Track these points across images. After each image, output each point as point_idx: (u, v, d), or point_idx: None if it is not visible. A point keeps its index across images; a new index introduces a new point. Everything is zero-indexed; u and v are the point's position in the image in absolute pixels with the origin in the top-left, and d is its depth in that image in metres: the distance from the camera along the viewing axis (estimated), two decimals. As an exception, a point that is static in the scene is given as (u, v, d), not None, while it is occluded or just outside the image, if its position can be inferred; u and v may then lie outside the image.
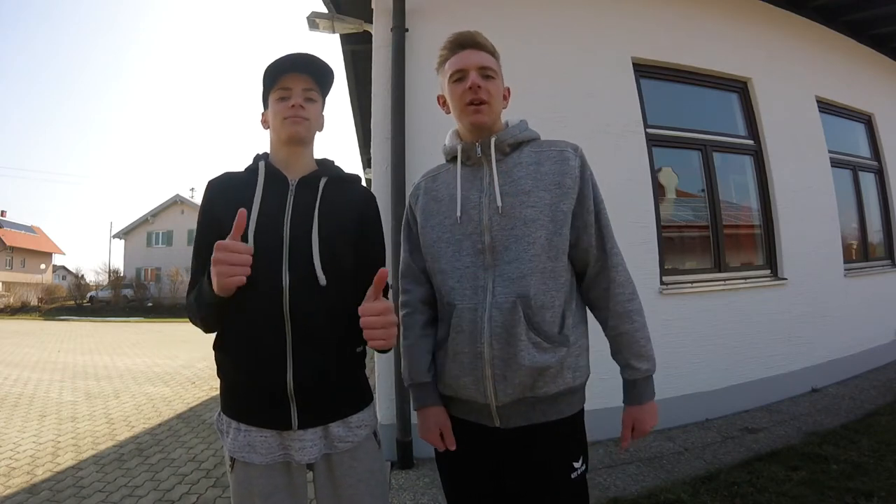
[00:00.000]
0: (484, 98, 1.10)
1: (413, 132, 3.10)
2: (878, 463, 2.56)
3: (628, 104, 3.54)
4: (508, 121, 1.19)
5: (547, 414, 1.08)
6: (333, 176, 1.18)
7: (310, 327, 1.05)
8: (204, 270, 1.10)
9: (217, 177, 1.17)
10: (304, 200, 1.11)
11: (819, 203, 4.33)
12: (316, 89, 1.15)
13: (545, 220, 1.07)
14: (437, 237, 1.16)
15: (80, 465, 3.32)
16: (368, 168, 6.58)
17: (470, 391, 1.09)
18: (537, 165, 1.11)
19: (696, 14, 3.95)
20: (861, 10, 4.51)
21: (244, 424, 1.07)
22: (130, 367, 7.94)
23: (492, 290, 1.07)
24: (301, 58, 1.12)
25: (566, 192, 1.09)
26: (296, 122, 1.11)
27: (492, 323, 1.05)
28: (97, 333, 14.92)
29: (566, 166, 1.10)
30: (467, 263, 1.10)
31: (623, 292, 1.13)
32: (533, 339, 1.04)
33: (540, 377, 1.05)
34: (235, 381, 1.09)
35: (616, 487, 2.51)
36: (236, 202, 1.09)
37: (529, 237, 1.06)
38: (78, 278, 36.27)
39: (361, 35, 3.96)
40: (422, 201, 1.22)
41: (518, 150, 1.15)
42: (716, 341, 3.56)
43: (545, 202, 1.08)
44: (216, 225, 1.10)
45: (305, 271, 1.06)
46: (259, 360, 1.05)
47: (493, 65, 1.14)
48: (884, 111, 5.23)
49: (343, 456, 1.10)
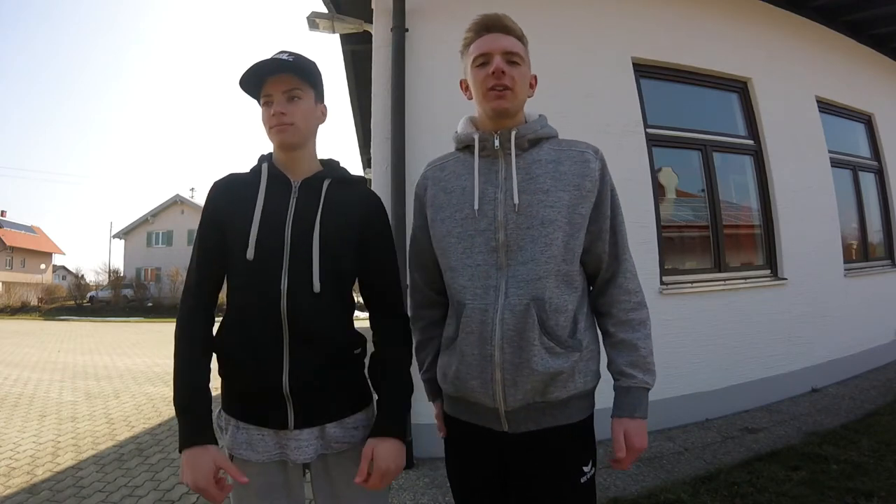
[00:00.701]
0: (507, 84, 1.04)
1: (413, 132, 3.10)
2: (878, 463, 2.56)
3: (628, 104, 3.54)
4: (529, 114, 1.14)
5: (557, 418, 1.04)
6: (337, 177, 1.16)
7: (307, 330, 1.05)
8: (201, 272, 1.10)
9: (221, 178, 1.17)
10: (307, 203, 1.10)
11: (819, 203, 4.33)
12: (300, 86, 1.10)
13: (563, 222, 1.02)
14: (448, 231, 1.10)
15: (80, 465, 3.32)
16: (368, 168, 6.58)
17: (477, 394, 1.05)
18: (556, 164, 1.06)
19: (696, 14, 3.95)
20: (861, 10, 4.51)
21: (242, 422, 1.09)
22: (130, 367, 7.94)
23: (504, 290, 1.02)
24: (272, 62, 1.07)
25: (585, 194, 1.05)
26: (280, 130, 1.08)
27: (504, 326, 1.00)
28: (97, 333, 14.92)
29: (586, 168, 1.06)
30: (479, 261, 1.05)
31: (629, 300, 1.08)
32: (546, 344, 1.00)
33: (552, 382, 1.01)
34: (235, 380, 1.10)
35: (616, 487, 2.51)
36: (239, 204, 1.10)
37: (546, 238, 1.02)
38: (78, 278, 36.30)
39: (361, 35, 3.96)
40: (430, 192, 1.16)
41: (537, 146, 1.09)
42: (716, 341, 3.56)
43: (564, 203, 1.03)
44: (217, 227, 1.10)
45: (305, 276, 1.06)
46: (256, 360, 1.05)
47: (519, 50, 1.07)
48: (884, 111, 5.23)
49: (340, 457, 1.11)
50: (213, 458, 0.98)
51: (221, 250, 1.10)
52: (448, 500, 2.36)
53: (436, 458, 2.77)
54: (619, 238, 1.10)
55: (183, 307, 1.11)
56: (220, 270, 1.11)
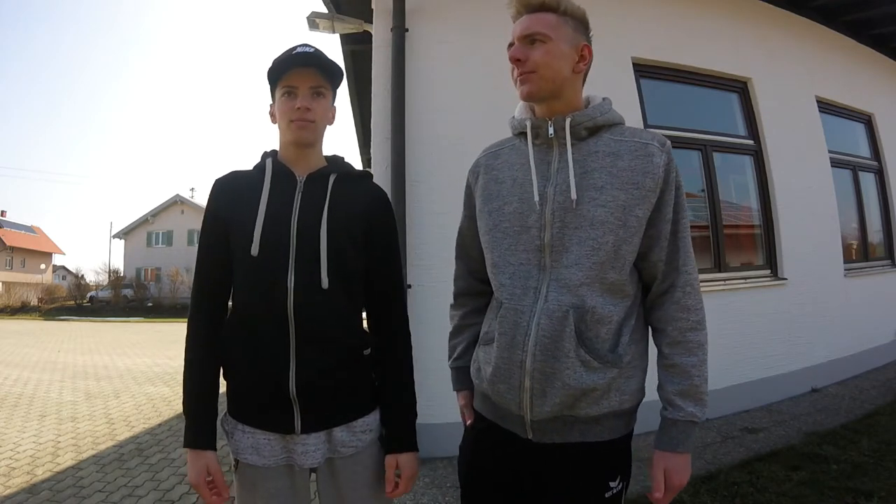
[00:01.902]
0: (530, 69, 0.96)
1: (413, 132, 3.10)
2: (878, 463, 2.56)
3: (628, 104, 3.54)
4: (591, 97, 1.04)
5: (585, 435, 0.96)
6: (343, 172, 1.14)
7: (314, 329, 1.03)
8: (206, 273, 1.09)
9: (223, 176, 1.14)
10: (313, 198, 1.08)
11: (819, 203, 4.33)
12: (325, 84, 1.09)
13: (615, 224, 0.92)
14: (495, 224, 1.03)
15: (80, 465, 3.32)
16: (368, 168, 6.58)
17: (504, 399, 0.99)
18: (615, 158, 0.95)
19: (696, 14, 3.95)
20: (861, 10, 4.51)
21: (248, 426, 1.07)
22: (130, 367, 7.94)
23: (545, 294, 0.95)
24: (306, 55, 1.06)
25: (645, 194, 0.93)
26: (301, 126, 1.06)
27: (539, 331, 0.93)
28: (97, 333, 14.91)
29: (649, 164, 0.94)
30: (522, 260, 0.99)
31: (687, 318, 0.97)
32: (582, 357, 0.92)
33: (583, 398, 0.93)
34: (239, 382, 1.08)
35: (616, 487, 2.50)
36: (243, 200, 1.07)
37: (595, 241, 0.92)
38: (78, 278, 36.30)
39: (361, 35, 3.95)
40: (482, 180, 1.09)
41: (596, 135, 0.99)
42: (716, 341, 3.49)
43: (619, 203, 0.93)
44: (221, 225, 1.08)
45: (311, 272, 1.03)
46: (262, 361, 1.03)
47: (544, 27, 0.96)
48: (884, 111, 5.23)
49: (347, 461, 1.08)
50: (206, 465, 1.04)
51: (226, 249, 1.07)
52: (448, 500, 2.36)
53: (436, 459, 2.77)
54: (680, 244, 0.97)
55: (191, 310, 1.11)
56: (226, 270, 1.08)
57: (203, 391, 1.07)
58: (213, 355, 1.08)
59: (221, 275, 1.09)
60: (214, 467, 1.05)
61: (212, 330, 1.08)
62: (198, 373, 1.07)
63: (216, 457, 1.06)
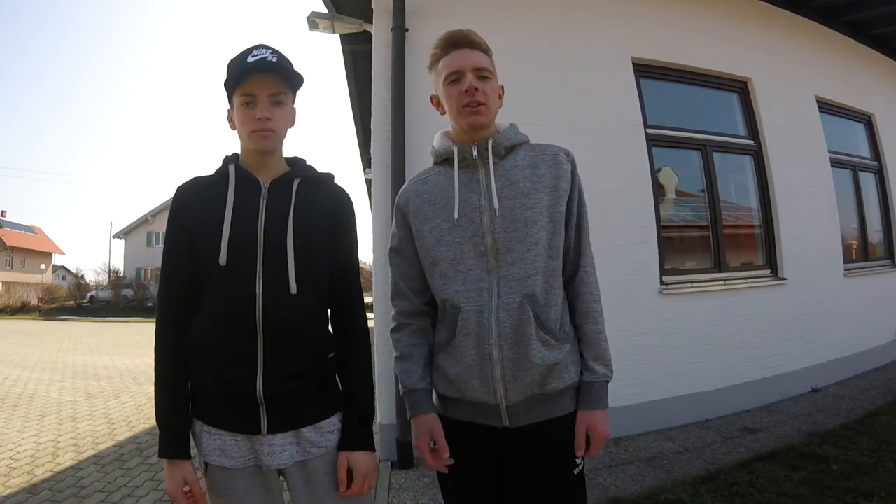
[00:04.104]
0: (481, 100, 1.10)
1: (413, 132, 3.10)
2: (878, 463, 2.56)
3: (628, 104, 3.54)
4: (500, 124, 1.20)
5: (555, 409, 1.10)
6: (307, 176, 1.14)
7: (282, 333, 1.04)
8: (172, 282, 1.09)
9: (186, 182, 1.13)
10: (278, 204, 1.08)
11: (819, 203, 4.33)
12: (285, 90, 1.08)
13: (545, 221, 1.10)
14: (437, 240, 1.14)
15: (80, 465, 3.32)
16: (368, 168, 6.57)
17: (478, 393, 1.09)
18: (534, 168, 1.13)
19: (696, 14, 3.95)
20: (861, 10, 4.51)
21: (214, 428, 1.07)
22: (130, 367, 7.94)
23: (497, 292, 1.08)
24: (264, 62, 1.04)
25: (562, 193, 1.12)
26: (264, 136, 1.06)
27: (500, 324, 1.06)
28: (97, 333, 14.92)
29: (560, 169, 1.13)
30: (470, 266, 1.11)
31: (591, 292, 1.15)
32: (542, 338, 1.06)
33: (549, 374, 1.07)
34: (204, 384, 1.07)
35: (616, 487, 2.51)
36: (207, 207, 1.07)
37: (532, 238, 1.08)
38: (78, 278, 36.25)
39: (361, 35, 3.96)
40: (413, 205, 1.19)
41: (513, 153, 1.16)
42: (716, 341, 3.56)
43: (544, 203, 1.10)
44: (186, 233, 1.07)
45: (279, 278, 1.04)
46: (229, 366, 1.03)
47: (488, 65, 1.13)
48: (884, 111, 5.23)
49: (319, 461, 1.09)
50: (182, 475, 1.05)
51: (192, 257, 1.07)
52: (448, 500, 2.34)
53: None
54: (582, 231, 1.17)
55: (158, 320, 1.10)
56: (193, 278, 1.08)
57: (175, 402, 1.07)
58: (183, 365, 1.07)
59: (189, 283, 1.08)
60: (191, 477, 1.06)
61: (179, 338, 1.07)
62: (170, 384, 1.07)
63: (192, 466, 1.07)
